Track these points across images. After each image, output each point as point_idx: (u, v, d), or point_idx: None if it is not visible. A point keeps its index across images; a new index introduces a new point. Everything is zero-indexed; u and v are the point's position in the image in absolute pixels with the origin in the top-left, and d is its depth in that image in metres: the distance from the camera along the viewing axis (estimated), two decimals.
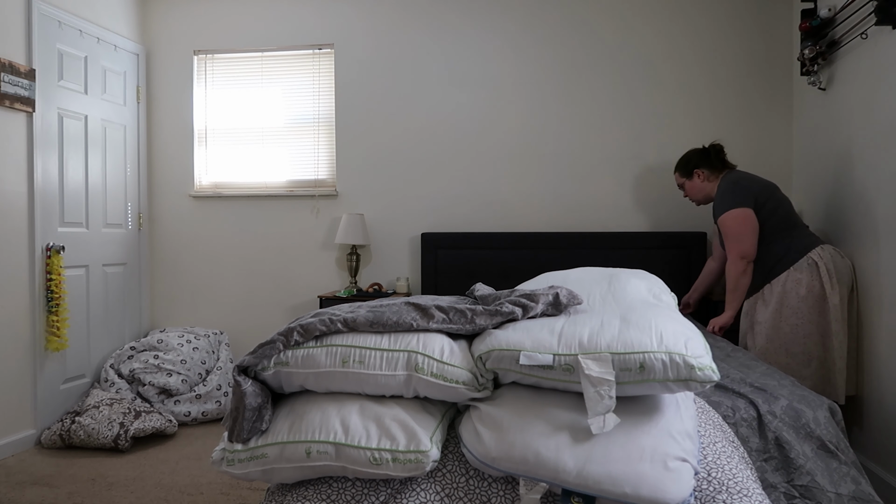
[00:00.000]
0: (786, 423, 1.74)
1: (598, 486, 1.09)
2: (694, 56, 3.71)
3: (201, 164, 4.24)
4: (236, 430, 1.25)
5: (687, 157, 3.08)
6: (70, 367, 3.54)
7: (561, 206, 3.84)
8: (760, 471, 1.68)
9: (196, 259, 4.21)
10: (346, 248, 4.01)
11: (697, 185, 3.02)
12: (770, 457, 1.70)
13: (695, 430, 1.20)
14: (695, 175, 3.02)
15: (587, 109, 3.81)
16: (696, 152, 3.06)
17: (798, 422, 1.75)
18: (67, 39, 3.54)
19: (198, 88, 4.22)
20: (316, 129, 4.11)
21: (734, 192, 2.78)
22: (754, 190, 2.77)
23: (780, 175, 3.64)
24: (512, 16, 3.87)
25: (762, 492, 1.19)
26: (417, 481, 1.23)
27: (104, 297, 3.82)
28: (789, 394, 1.85)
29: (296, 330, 1.29)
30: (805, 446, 1.72)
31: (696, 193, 3.06)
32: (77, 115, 3.62)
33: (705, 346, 1.17)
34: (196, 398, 3.57)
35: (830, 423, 1.79)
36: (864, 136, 2.78)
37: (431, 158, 3.96)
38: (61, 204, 3.50)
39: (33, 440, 3.29)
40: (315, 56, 4.10)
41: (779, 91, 3.63)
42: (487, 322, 1.31)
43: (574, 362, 1.16)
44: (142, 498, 2.60)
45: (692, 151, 3.08)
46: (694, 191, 3.06)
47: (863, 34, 2.69)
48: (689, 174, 3.04)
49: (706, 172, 2.99)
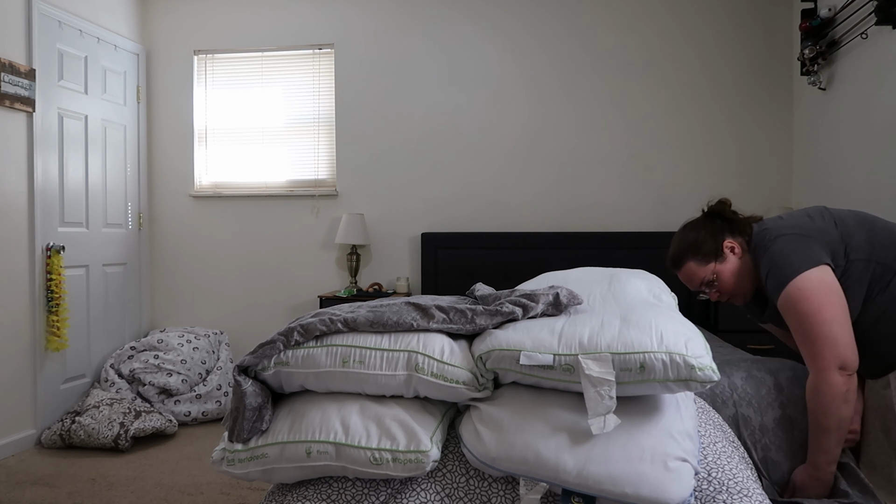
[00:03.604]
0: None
1: (599, 486, 1.09)
2: (694, 56, 3.71)
3: (201, 164, 4.24)
4: (236, 429, 1.25)
5: (695, 237, 1.85)
6: (70, 367, 3.54)
7: (561, 206, 3.84)
8: (765, 450, 1.67)
9: (196, 259, 4.21)
10: (346, 248, 4.01)
11: (734, 266, 1.81)
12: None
13: (695, 430, 1.20)
14: (726, 252, 1.81)
15: (587, 109, 3.81)
16: (705, 223, 1.88)
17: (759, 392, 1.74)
18: (67, 39, 3.54)
19: (198, 88, 4.22)
20: (316, 129, 4.11)
21: (789, 242, 1.66)
22: (821, 228, 1.67)
23: (781, 175, 3.64)
24: (512, 16, 3.87)
25: (762, 492, 1.19)
26: (417, 481, 1.23)
27: (104, 297, 3.82)
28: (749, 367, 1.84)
29: (296, 330, 1.29)
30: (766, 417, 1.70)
31: (735, 280, 1.82)
32: (77, 114, 3.62)
33: (705, 346, 1.17)
34: (196, 398, 3.57)
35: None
36: (864, 136, 2.78)
37: (431, 158, 3.96)
38: (61, 204, 3.50)
39: (33, 440, 3.29)
40: (315, 56, 4.10)
41: (779, 91, 3.63)
42: (488, 322, 1.31)
43: (574, 362, 1.16)
44: (142, 498, 2.60)
45: (696, 227, 1.88)
46: (732, 278, 1.82)
47: (863, 34, 2.69)
48: (717, 253, 1.81)
49: (740, 241, 1.82)
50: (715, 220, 1.86)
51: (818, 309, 1.55)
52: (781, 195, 3.65)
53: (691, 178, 3.73)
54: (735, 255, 1.81)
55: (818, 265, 1.59)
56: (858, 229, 1.66)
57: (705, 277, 1.83)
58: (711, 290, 1.85)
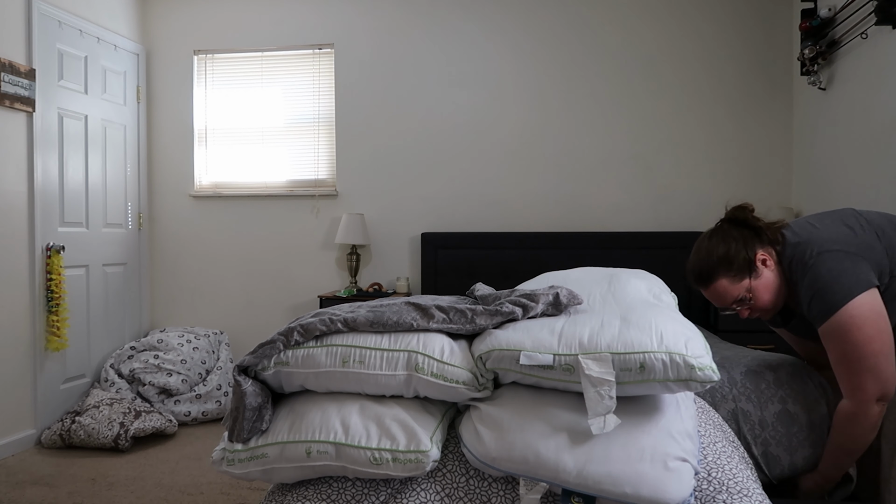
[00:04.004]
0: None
1: (599, 485, 1.09)
2: (694, 56, 3.71)
3: (201, 164, 4.24)
4: (236, 429, 1.25)
5: (725, 250, 1.65)
6: (70, 367, 3.54)
7: (561, 206, 3.84)
8: (764, 444, 1.67)
9: (196, 259, 4.21)
10: (346, 248, 4.01)
11: (770, 281, 1.65)
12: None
13: (695, 430, 1.20)
14: (758, 265, 1.64)
15: (587, 109, 3.81)
16: (733, 232, 1.68)
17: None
18: (67, 39, 3.54)
19: (198, 88, 4.22)
20: (316, 129, 4.11)
21: (836, 262, 1.53)
22: (866, 244, 1.56)
23: (781, 175, 3.64)
24: (512, 16, 3.87)
25: (762, 492, 1.19)
26: (417, 481, 1.23)
27: (104, 296, 3.82)
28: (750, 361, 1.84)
29: (296, 330, 1.29)
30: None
31: (772, 297, 1.67)
32: (77, 114, 3.62)
33: (705, 346, 1.17)
34: (196, 398, 3.57)
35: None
36: (864, 136, 2.78)
37: (431, 158, 3.96)
38: (61, 204, 3.50)
39: (33, 440, 3.29)
40: (315, 56, 4.10)
41: (779, 91, 3.63)
42: (488, 322, 1.31)
43: (574, 362, 1.16)
44: (142, 498, 2.60)
45: (723, 238, 1.68)
46: (769, 294, 1.66)
47: (863, 34, 2.69)
48: (751, 268, 1.64)
49: (770, 251, 1.67)
50: (741, 229, 1.68)
51: (868, 340, 1.47)
52: (781, 195, 3.65)
53: (691, 178, 3.73)
54: (768, 269, 1.64)
55: (868, 288, 1.49)
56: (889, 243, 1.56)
57: (738, 295, 1.65)
58: (744, 307, 1.68)
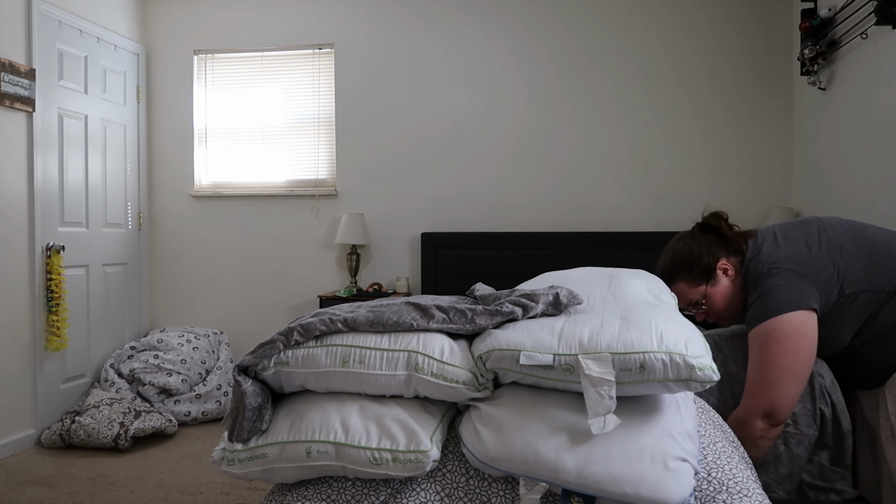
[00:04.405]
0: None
1: (599, 485, 1.09)
2: (694, 56, 3.71)
3: (201, 164, 4.24)
4: (236, 429, 1.25)
5: (688, 254, 1.77)
6: (70, 367, 3.54)
7: (561, 206, 3.84)
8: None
9: (196, 259, 4.21)
10: (346, 248, 4.01)
11: (725, 289, 1.75)
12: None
13: (695, 430, 1.20)
14: (718, 274, 1.75)
15: (587, 109, 3.81)
16: (700, 239, 1.79)
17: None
18: (67, 39, 3.54)
19: (198, 88, 4.22)
20: (316, 129, 4.11)
21: (781, 279, 1.60)
22: (817, 266, 1.60)
23: (780, 175, 3.64)
24: (512, 16, 3.87)
25: (762, 492, 1.19)
26: (417, 481, 1.23)
27: (104, 296, 3.82)
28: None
29: (296, 329, 1.29)
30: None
31: (725, 304, 1.76)
32: (77, 114, 3.62)
33: (705, 346, 1.17)
34: (196, 398, 3.57)
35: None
36: (863, 136, 2.78)
37: (432, 158, 3.96)
38: (61, 204, 3.50)
39: (33, 440, 3.29)
40: (315, 56, 4.10)
41: (779, 91, 3.64)
42: (488, 322, 1.31)
43: (574, 362, 1.16)
44: (142, 498, 2.60)
45: (689, 243, 1.80)
46: (723, 301, 1.76)
47: (863, 34, 2.69)
48: (709, 275, 1.74)
49: (734, 261, 1.75)
50: (710, 235, 1.78)
51: (782, 354, 1.54)
52: (781, 195, 3.65)
53: (691, 178, 3.73)
54: (728, 278, 1.74)
55: (803, 309, 1.55)
56: (856, 259, 1.60)
57: (694, 299, 1.78)
58: (699, 310, 1.79)
